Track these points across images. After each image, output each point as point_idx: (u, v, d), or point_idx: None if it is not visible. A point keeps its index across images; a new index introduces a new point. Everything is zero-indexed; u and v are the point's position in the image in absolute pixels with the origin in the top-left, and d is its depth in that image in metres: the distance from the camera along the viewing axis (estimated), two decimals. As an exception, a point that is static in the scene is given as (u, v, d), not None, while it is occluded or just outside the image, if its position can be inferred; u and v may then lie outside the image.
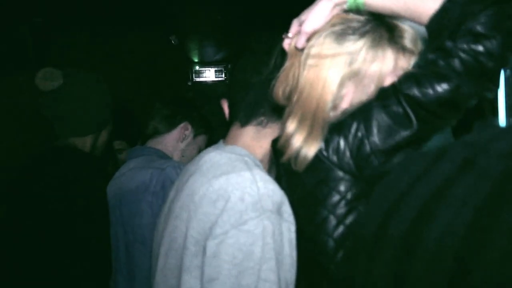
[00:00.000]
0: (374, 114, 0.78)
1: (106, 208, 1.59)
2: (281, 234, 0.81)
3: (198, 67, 5.05)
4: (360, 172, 0.79)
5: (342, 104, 0.84)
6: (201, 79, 5.05)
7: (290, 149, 0.83)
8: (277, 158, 0.90)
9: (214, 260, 0.80)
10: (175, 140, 1.84)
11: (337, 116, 0.84)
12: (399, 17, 0.83)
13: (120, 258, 1.67)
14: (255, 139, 1.01)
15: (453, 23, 0.74)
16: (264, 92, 0.93)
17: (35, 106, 1.60)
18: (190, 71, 5.03)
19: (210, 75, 5.02)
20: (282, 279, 0.81)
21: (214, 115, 1.71)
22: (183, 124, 1.83)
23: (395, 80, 0.80)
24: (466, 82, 0.73)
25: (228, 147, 0.99)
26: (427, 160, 0.51)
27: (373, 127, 0.77)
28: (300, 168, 0.82)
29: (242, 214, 0.80)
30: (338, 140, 0.80)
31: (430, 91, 0.74)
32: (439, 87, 0.74)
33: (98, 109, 1.63)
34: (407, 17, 0.81)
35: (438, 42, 0.76)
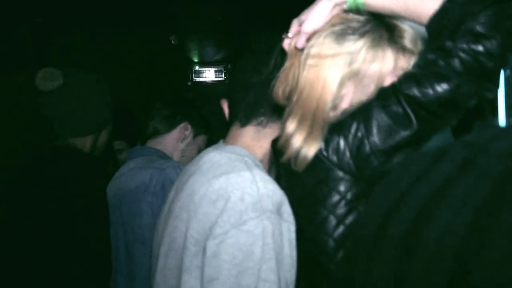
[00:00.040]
0: (374, 114, 0.78)
1: (106, 208, 1.59)
2: (281, 234, 0.81)
3: (198, 67, 5.04)
4: (360, 172, 0.79)
5: (342, 104, 0.84)
6: (201, 79, 5.04)
7: (290, 149, 0.83)
8: (277, 158, 0.90)
9: (214, 260, 0.80)
10: (175, 140, 1.84)
11: (337, 116, 0.84)
12: (399, 17, 0.83)
13: (120, 258, 1.67)
14: (255, 139, 1.00)
15: (453, 23, 0.74)
16: (264, 92, 0.93)
17: (35, 106, 1.60)
18: (190, 71, 5.03)
19: (210, 75, 5.02)
20: (282, 279, 0.81)
21: (214, 115, 1.71)
22: (183, 124, 1.83)
23: (395, 80, 0.80)
24: (466, 82, 0.73)
25: (228, 147, 0.99)
26: (427, 160, 0.51)
27: (373, 127, 0.77)
28: (300, 168, 0.82)
29: (242, 214, 0.80)
30: (338, 140, 0.80)
31: (430, 91, 0.74)
32: (439, 87, 0.74)
33: (98, 109, 1.63)
34: (407, 17, 0.81)
35: (438, 42, 0.76)
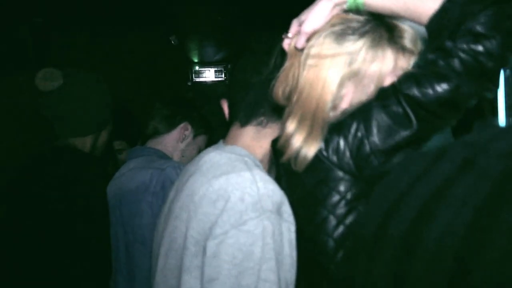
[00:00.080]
0: (374, 114, 0.78)
1: (106, 208, 1.59)
2: (281, 234, 0.81)
3: (198, 67, 5.05)
4: (360, 172, 0.79)
5: (342, 104, 0.84)
6: (201, 79, 5.04)
7: (290, 149, 0.83)
8: (277, 158, 0.90)
9: (214, 260, 0.80)
10: (175, 140, 1.84)
11: (337, 116, 0.84)
12: (399, 17, 0.83)
13: (120, 258, 1.67)
14: (255, 139, 1.00)
15: (452, 23, 0.74)
16: (264, 92, 0.93)
17: (35, 106, 1.60)
18: (190, 71, 5.03)
19: (210, 75, 5.02)
20: (282, 279, 0.81)
21: (214, 115, 1.71)
22: (183, 124, 1.83)
23: (395, 80, 0.80)
24: (466, 82, 0.73)
25: (228, 147, 0.99)
26: (427, 160, 0.51)
27: (373, 127, 0.77)
28: (300, 168, 0.82)
29: (242, 214, 0.80)
30: (338, 140, 0.80)
31: (430, 91, 0.74)
32: (439, 87, 0.74)
33: (98, 109, 1.63)
34: (406, 17, 0.81)
35: (438, 42, 0.76)
